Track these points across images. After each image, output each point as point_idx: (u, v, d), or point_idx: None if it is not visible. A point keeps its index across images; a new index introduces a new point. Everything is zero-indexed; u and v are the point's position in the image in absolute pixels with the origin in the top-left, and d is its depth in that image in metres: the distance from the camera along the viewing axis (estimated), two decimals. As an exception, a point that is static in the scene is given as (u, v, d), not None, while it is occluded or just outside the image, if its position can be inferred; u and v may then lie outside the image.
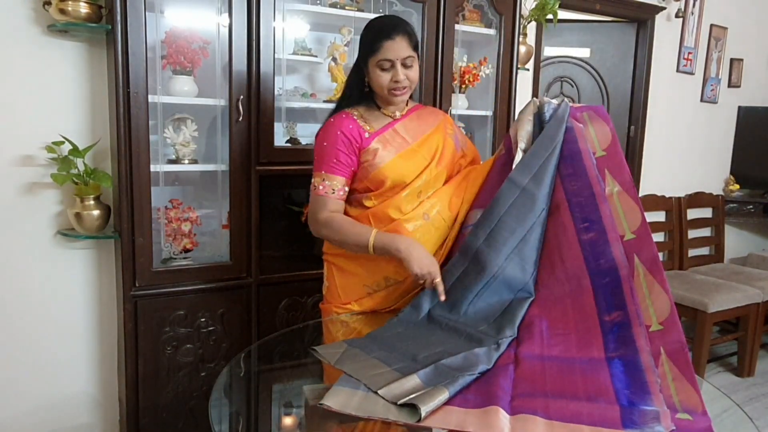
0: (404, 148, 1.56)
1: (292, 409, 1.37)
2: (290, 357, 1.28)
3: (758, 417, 2.89)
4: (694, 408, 1.06)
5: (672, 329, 1.19)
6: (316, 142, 1.59)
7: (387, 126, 1.58)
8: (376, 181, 1.53)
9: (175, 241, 2.04)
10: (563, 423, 1.00)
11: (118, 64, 1.82)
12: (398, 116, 1.61)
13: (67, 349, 2.19)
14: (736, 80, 4.09)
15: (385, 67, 1.49)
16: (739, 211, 4.08)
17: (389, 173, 1.52)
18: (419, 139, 1.59)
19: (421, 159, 1.58)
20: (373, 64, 1.50)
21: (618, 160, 1.39)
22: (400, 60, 1.49)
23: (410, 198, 1.55)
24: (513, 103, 2.61)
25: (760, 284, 3.41)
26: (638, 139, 3.69)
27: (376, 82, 1.52)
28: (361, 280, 1.60)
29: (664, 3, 3.57)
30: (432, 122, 1.65)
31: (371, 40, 1.50)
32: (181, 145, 2.04)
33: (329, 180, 1.54)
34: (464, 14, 2.49)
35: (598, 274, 1.28)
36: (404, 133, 1.59)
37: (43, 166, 2.03)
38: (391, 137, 1.57)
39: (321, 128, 1.59)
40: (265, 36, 2.02)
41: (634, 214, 1.33)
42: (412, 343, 1.30)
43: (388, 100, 1.56)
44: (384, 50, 1.48)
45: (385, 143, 1.55)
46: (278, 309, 2.20)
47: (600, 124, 1.44)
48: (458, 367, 1.15)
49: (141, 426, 2.02)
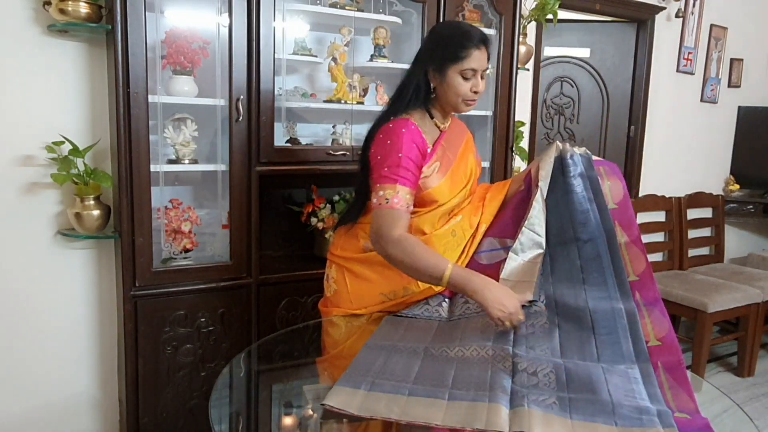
0: (450, 167, 1.52)
1: (292, 409, 1.37)
2: (290, 357, 1.28)
3: (758, 417, 2.89)
4: (691, 411, 1.09)
5: (671, 347, 1.27)
6: (380, 147, 1.45)
7: (439, 139, 1.53)
8: (426, 200, 1.48)
9: (175, 241, 2.04)
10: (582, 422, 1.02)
11: (118, 64, 1.82)
12: (444, 128, 1.56)
13: (67, 349, 2.19)
14: (736, 80, 4.09)
15: (468, 76, 1.45)
16: (739, 211, 4.08)
17: (439, 196, 1.48)
18: (457, 156, 1.55)
19: (461, 178, 1.55)
20: (455, 71, 1.44)
21: (629, 216, 1.45)
22: (482, 71, 1.46)
23: (443, 215, 1.53)
24: (513, 103, 2.61)
25: (760, 284, 3.41)
26: (638, 139, 3.69)
27: (455, 89, 1.46)
28: (378, 288, 1.53)
29: (664, 3, 3.57)
30: (460, 134, 1.62)
31: (457, 46, 1.43)
32: (181, 145, 2.04)
33: (404, 193, 1.40)
34: (464, 14, 2.48)
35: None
36: (447, 148, 1.53)
37: (43, 166, 2.03)
38: (443, 153, 1.52)
39: (382, 132, 1.46)
40: (265, 36, 2.02)
41: (639, 261, 1.41)
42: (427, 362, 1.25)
43: (457, 108, 1.51)
44: (471, 59, 1.43)
45: (441, 160, 1.50)
46: (278, 309, 2.20)
47: (615, 180, 1.50)
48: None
49: (141, 426, 2.02)
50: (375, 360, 1.24)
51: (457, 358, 1.24)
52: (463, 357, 1.24)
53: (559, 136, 3.72)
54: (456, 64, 1.44)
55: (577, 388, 1.11)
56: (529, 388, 1.11)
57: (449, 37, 1.46)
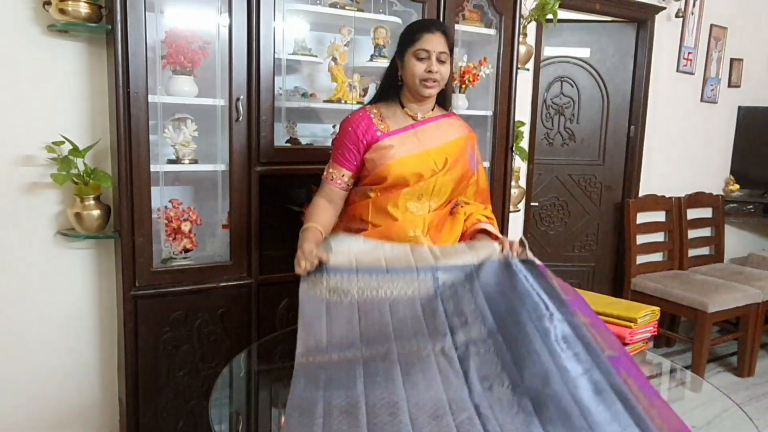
0: (415, 152, 1.62)
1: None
2: (290, 357, 1.28)
3: (758, 417, 2.89)
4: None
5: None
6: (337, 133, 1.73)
7: (407, 127, 1.66)
8: (379, 177, 1.62)
9: (175, 241, 2.04)
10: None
11: (118, 64, 1.82)
12: (420, 119, 1.68)
13: (67, 349, 2.19)
14: (736, 80, 4.09)
15: (421, 56, 1.59)
16: (739, 211, 4.08)
17: (391, 172, 1.60)
18: (436, 146, 1.64)
19: (432, 164, 1.63)
20: (410, 53, 1.60)
21: (584, 304, 1.35)
22: (436, 53, 1.59)
23: (408, 197, 1.62)
24: (513, 103, 2.61)
25: (760, 284, 3.41)
26: (638, 139, 3.69)
27: (410, 70, 1.60)
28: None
29: (664, 3, 3.57)
30: (454, 134, 1.70)
31: (412, 32, 1.62)
32: (181, 145, 2.04)
33: (334, 169, 1.68)
34: (464, 14, 2.48)
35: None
36: (422, 137, 1.65)
37: (43, 166, 2.03)
38: (408, 138, 1.64)
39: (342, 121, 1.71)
40: (265, 36, 2.02)
41: (611, 340, 1.27)
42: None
43: (418, 91, 1.62)
44: (423, 41, 1.59)
45: (400, 143, 1.62)
46: (278, 309, 2.20)
47: (555, 278, 1.41)
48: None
49: (141, 426, 2.02)
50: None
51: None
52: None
53: (559, 136, 3.72)
54: (411, 47, 1.60)
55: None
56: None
57: (408, 27, 1.67)
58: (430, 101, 1.69)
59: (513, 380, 1.17)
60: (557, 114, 3.70)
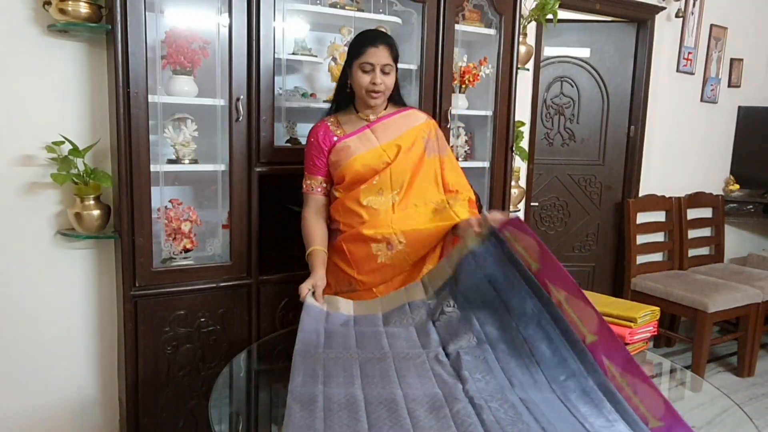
0: (370, 148, 1.74)
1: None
2: (290, 357, 1.28)
3: (758, 417, 2.89)
4: (663, 414, 1.08)
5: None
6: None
7: (361, 129, 1.77)
8: (340, 177, 1.76)
9: (175, 241, 2.04)
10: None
11: (118, 64, 1.82)
12: (372, 119, 1.79)
13: (67, 350, 2.19)
14: (736, 80, 4.09)
15: (366, 69, 1.69)
16: (739, 211, 4.08)
17: (348, 171, 1.73)
18: (389, 141, 1.74)
19: (384, 157, 1.74)
20: (356, 66, 1.70)
21: (555, 268, 1.34)
22: (380, 66, 1.68)
23: (367, 193, 1.73)
24: (513, 103, 2.61)
25: (760, 284, 3.42)
26: (638, 139, 3.70)
27: (357, 82, 1.71)
28: (336, 278, 1.79)
29: (664, 3, 3.57)
30: (408, 125, 1.79)
31: (358, 45, 1.71)
32: (181, 145, 2.04)
33: (310, 179, 1.82)
34: (464, 14, 2.48)
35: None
36: (377, 135, 1.76)
37: (43, 166, 2.03)
38: (364, 137, 1.76)
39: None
40: (265, 36, 2.02)
41: (589, 316, 1.27)
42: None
43: (365, 100, 1.74)
44: (367, 54, 1.68)
45: (357, 142, 1.74)
46: (278, 309, 2.20)
47: (524, 237, 1.43)
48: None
49: (141, 426, 2.02)
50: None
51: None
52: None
53: (559, 136, 3.72)
54: (357, 59, 1.70)
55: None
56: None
57: (355, 40, 1.75)
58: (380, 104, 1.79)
59: (503, 383, 1.25)
60: (557, 114, 3.70)
